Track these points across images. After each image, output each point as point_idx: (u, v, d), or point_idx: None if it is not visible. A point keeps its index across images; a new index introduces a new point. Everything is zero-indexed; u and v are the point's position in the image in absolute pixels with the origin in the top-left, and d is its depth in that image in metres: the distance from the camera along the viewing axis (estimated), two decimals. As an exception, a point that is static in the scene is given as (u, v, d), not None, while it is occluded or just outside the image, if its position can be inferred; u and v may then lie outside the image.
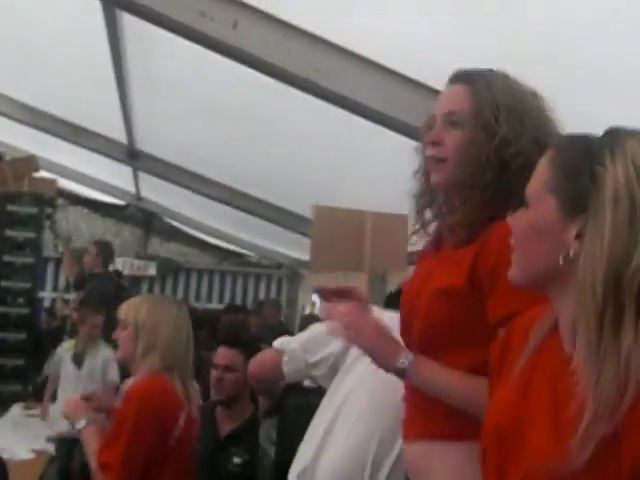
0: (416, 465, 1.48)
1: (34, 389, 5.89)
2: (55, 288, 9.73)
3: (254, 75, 2.72)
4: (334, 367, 2.07)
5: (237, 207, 6.03)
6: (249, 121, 4.09)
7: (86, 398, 2.42)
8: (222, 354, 2.90)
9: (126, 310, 2.39)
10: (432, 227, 1.55)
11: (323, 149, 4.04)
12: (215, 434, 2.82)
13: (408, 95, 2.46)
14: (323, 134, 3.74)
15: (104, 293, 5.59)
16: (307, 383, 2.24)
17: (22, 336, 6.43)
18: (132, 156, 5.87)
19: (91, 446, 2.24)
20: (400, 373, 1.42)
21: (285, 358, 2.12)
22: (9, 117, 5.75)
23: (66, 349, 4.80)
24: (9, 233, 6.64)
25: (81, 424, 2.29)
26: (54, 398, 4.68)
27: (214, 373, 2.88)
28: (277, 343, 2.20)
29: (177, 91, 4.17)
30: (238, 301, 10.07)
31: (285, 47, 2.50)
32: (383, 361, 1.44)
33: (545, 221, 1.05)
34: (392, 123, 2.52)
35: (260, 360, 2.28)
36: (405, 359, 1.40)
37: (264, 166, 4.93)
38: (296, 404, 2.19)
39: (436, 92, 1.84)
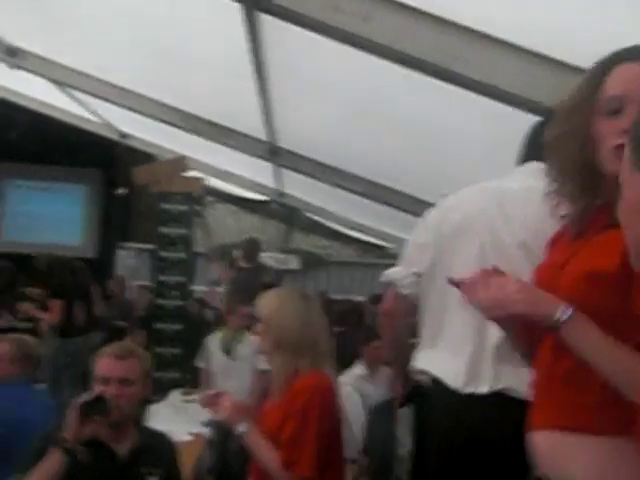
0: (549, 455, 1.40)
1: (191, 376, 6.25)
2: (206, 282, 10.27)
3: (391, 68, 2.71)
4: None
5: (377, 200, 6.05)
6: (388, 114, 4.08)
7: (216, 395, 2.48)
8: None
9: (259, 304, 2.45)
10: (563, 209, 1.46)
11: (464, 139, 3.95)
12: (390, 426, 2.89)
13: (553, 78, 2.34)
14: (462, 124, 3.65)
15: (251, 285, 5.83)
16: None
17: (178, 327, 6.85)
18: (273, 153, 6.05)
19: (262, 447, 2.30)
20: (555, 326, 1.29)
21: (397, 284, 2.17)
22: (160, 120, 6.11)
23: (215, 340, 5.05)
24: (163, 230, 7.09)
25: (242, 427, 2.34)
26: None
27: None
28: (383, 278, 2.26)
29: (315, 87, 4.24)
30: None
31: (420, 36, 2.46)
32: (542, 314, 1.30)
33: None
34: (536, 107, 2.41)
35: (385, 301, 2.27)
36: (564, 312, 1.28)
37: (403, 158, 4.90)
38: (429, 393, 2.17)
39: (580, 71, 1.74)
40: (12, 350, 3.53)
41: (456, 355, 2.00)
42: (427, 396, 2.07)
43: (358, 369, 4.72)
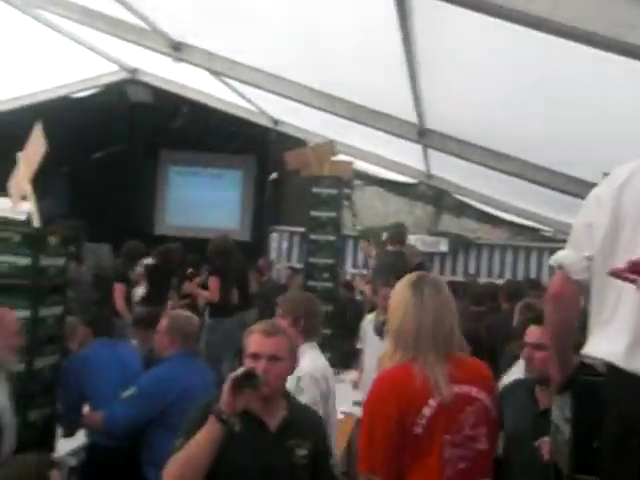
0: None
1: (340, 356, 6.38)
2: (354, 264, 10.42)
3: (547, 41, 2.59)
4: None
5: (530, 180, 5.81)
6: (540, 91, 3.91)
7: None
8: (533, 332, 2.83)
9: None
10: None
11: (620, 114, 3.70)
12: (533, 408, 2.78)
13: None
14: (620, 98, 3.41)
15: (394, 268, 5.83)
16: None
17: (328, 308, 6.99)
18: (422, 135, 5.98)
19: None
20: None
21: (568, 269, 2.05)
22: (310, 105, 6.23)
23: (368, 321, 5.11)
24: (314, 213, 7.26)
25: None
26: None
27: (526, 350, 2.82)
28: (552, 262, 2.13)
29: (465, 67, 4.14)
30: (533, 276, 9.73)
31: (578, 3, 2.32)
32: None
33: None
34: None
35: (553, 286, 2.15)
36: None
37: (556, 136, 4.67)
38: (589, 381, 2.05)
39: None
40: (170, 325, 3.79)
41: (634, 339, 1.89)
42: (600, 383, 1.97)
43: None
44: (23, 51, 7.09)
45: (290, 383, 3.06)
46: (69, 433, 3.89)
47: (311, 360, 3.30)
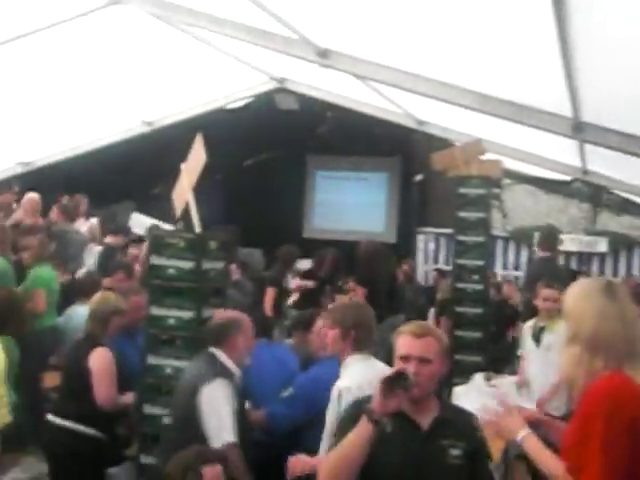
0: None
1: (492, 360, 6.21)
2: (504, 266, 10.09)
3: None
4: None
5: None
6: None
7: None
8: None
9: (566, 294, 2.40)
10: None
11: None
12: None
13: None
14: None
15: (549, 271, 5.60)
16: None
17: (478, 310, 6.83)
18: (577, 129, 5.68)
19: (541, 453, 2.31)
20: None
21: None
22: (457, 104, 6.12)
23: (528, 327, 4.96)
24: (461, 214, 7.12)
25: (521, 434, 2.39)
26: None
27: None
28: None
29: (627, 55, 3.88)
30: None
31: None
32: None
33: None
34: None
35: None
36: None
37: None
38: None
39: None
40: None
41: None
42: None
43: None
44: (181, 68, 7.57)
45: (332, 397, 3.11)
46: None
47: (350, 376, 3.18)
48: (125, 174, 9.67)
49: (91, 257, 7.38)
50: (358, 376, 3.15)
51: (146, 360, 4.18)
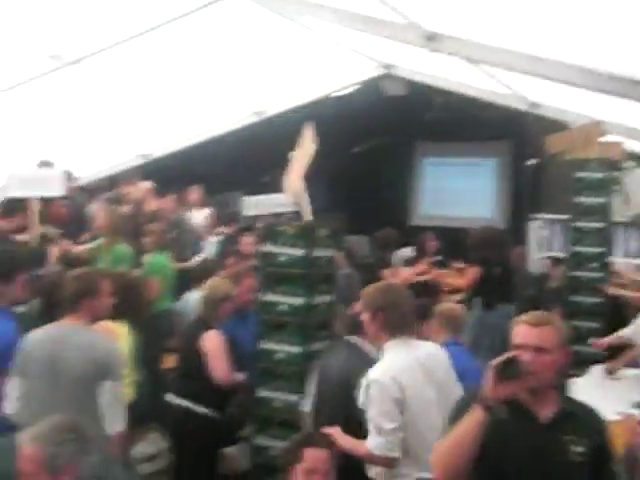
0: None
1: (611, 352, 5.92)
2: (626, 253, 9.56)
3: None
4: None
5: None
6: None
7: None
8: None
9: None
10: None
11: None
12: None
13: None
14: None
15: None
16: None
17: (596, 300, 6.54)
18: None
19: None
20: None
21: None
22: (574, 84, 5.84)
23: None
24: (578, 199, 6.83)
25: None
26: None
27: None
28: None
29: None
30: None
31: None
32: None
33: None
34: None
35: None
36: None
37: None
38: None
39: None
40: (439, 315, 3.89)
41: None
42: None
43: None
44: (289, 57, 7.67)
45: (361, 391, 3.02)
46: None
47: (383, 366, 3.06)
48: (236, 164, 9.94)
49: (208, 245, 7.65)
50: (392, 366, 3.05)
51: (259, 345, 4.29)
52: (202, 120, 9.06)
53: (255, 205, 7.37)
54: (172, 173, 9.04)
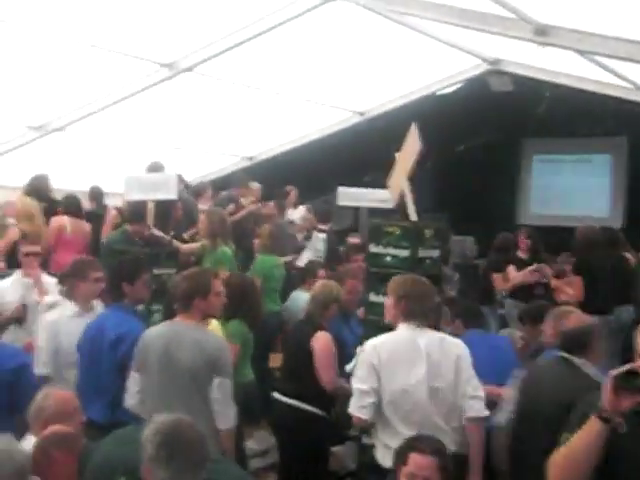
0: None
1: None
2: None
3: None
4: None
5: None
6: None
7: None
8: None
9: None
10: None
11: None
12: None
13: None
14: None
15: None
16: None
17: None
18: None
19: None
20: None
21: None
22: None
23: None
24: None
25: None
26: None
27: None
28: None
29: None
30: None
31: None
32: None
33: None
34: None
35: None
36: None
37: None
38: None
39: None
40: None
41: None
42: None
43: None
44: (392, 57, 7.63)
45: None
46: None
47: (380, 338, 3.40)
48: (337, 164, 9.98)
49: (314, 244, 7.71)
50: (381, 339, 3.39)
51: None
52: (305, 122, 9.18)
53: (351, 196, 7.37)
54: (275, 175, 9.20)
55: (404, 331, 3.40)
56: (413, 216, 4.36)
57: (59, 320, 4.07)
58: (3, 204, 6.76)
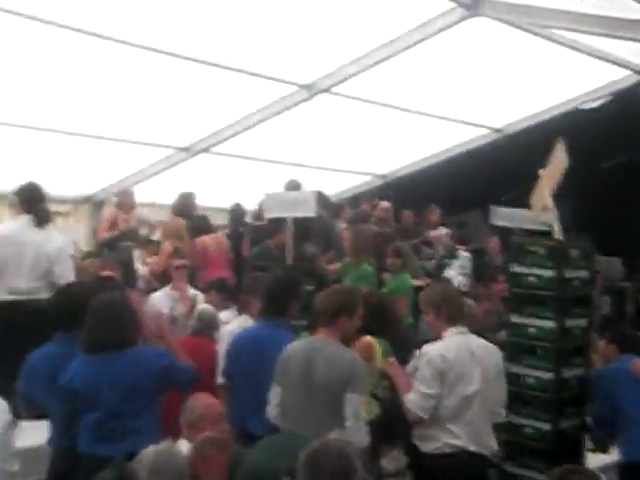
0: None
1: None
2: None
3: None
4: None
5: None
6: None
7: None
8: None
9: None
10: None
11: None
12: None
13: None
14: None
15: None
16: None
17: None
18: None
19: None
20: None
21: None
22: None
23: None
24: None
25: None
26: None
27: None
28: None
29: None
30: None
31: None
32: None
33: None
34: None
35: None
36: None
37: None
38: None
39: None
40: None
41: None
42: None
43: None
44: (532, 71, 7.39)
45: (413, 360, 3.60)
46: (601, 448, 3.84)
47: (439, 343, 3.48)
48: (475, 182, 9.75)
49: (460, 262, 7.57)
50: (443, 346, 3.45)
51: (508, 368, 4.13)
52: (441, 140, 9.08)
53: (506, 217, 7.13)
54: (409, 193, 9.14)
55: (457, 337, 3.51)
56: (558, 235, 4.17)
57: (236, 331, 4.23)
58: (157, 223, 7.20)
